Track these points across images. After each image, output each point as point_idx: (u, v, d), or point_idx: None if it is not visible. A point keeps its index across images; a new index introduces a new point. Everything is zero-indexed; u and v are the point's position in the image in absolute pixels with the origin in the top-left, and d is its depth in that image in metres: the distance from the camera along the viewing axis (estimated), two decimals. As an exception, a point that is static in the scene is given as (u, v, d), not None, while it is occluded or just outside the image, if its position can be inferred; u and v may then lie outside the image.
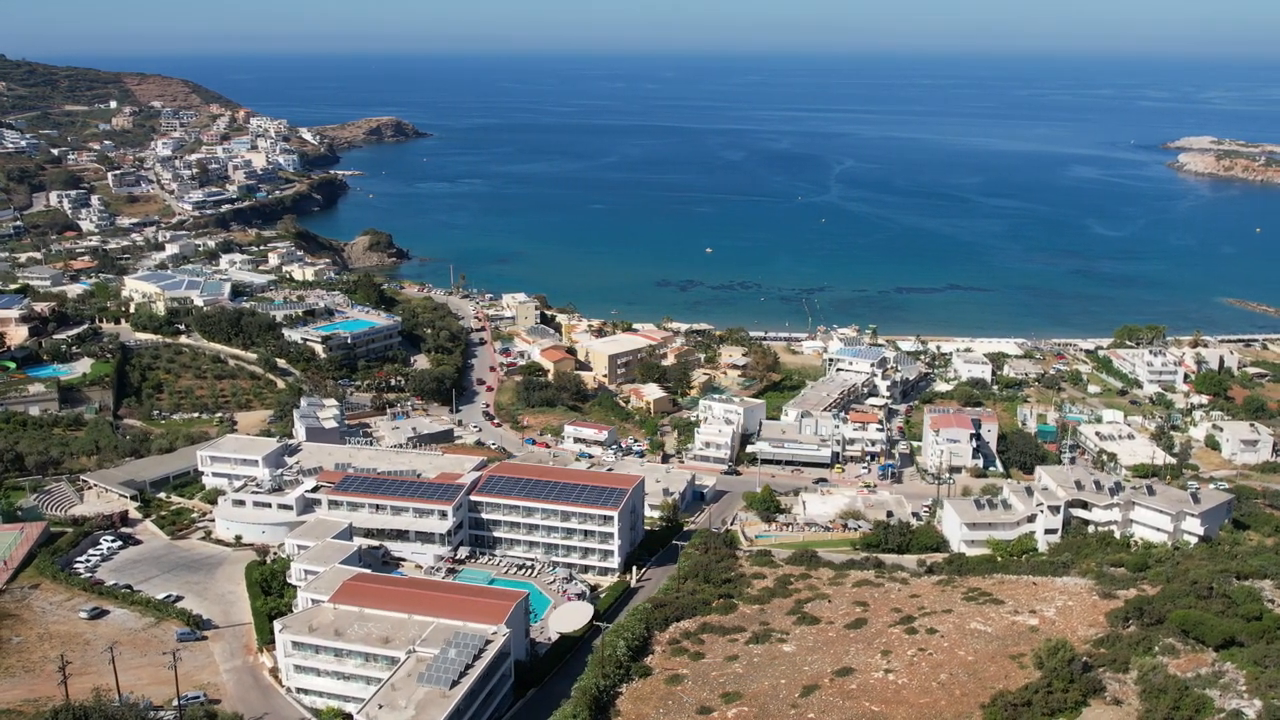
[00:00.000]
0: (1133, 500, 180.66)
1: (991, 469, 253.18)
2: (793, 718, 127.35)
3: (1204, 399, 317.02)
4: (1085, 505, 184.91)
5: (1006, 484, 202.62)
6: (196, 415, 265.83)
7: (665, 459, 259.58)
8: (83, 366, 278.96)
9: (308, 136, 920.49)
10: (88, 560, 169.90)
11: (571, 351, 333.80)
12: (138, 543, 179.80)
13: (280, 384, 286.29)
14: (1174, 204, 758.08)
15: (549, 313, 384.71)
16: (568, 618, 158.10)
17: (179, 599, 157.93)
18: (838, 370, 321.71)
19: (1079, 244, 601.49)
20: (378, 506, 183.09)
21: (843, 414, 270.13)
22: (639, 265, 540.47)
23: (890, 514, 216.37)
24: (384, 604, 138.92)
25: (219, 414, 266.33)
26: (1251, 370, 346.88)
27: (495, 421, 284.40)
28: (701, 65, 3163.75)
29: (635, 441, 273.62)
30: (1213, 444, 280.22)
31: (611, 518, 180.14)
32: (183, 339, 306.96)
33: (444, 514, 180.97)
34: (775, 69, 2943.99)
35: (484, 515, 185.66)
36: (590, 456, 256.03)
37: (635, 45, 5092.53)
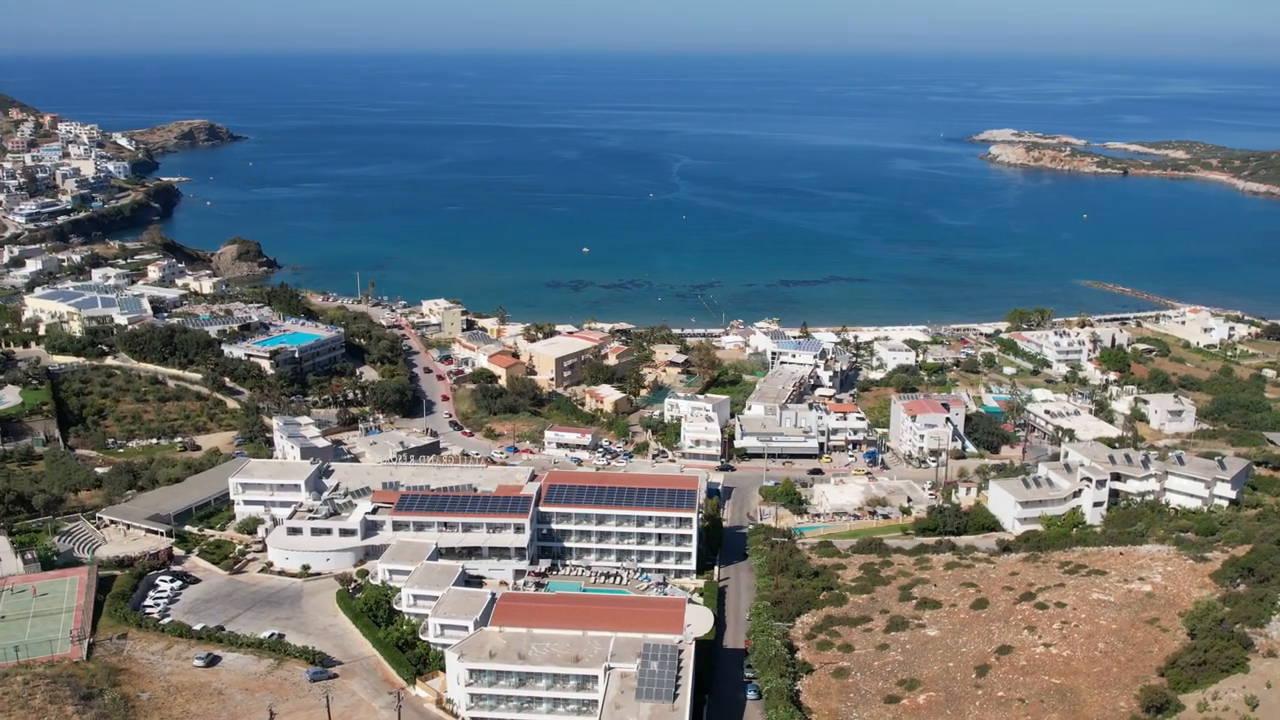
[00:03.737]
0: (1167, 470, 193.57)
1: (969, 450, 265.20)
2: (982, 698, 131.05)
3: (1114, 375, 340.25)
4: (1119, 477, 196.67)
5: (1042, 463, 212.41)
6: (154, 441, 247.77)
7: (654, 458, 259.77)
8: (11, 395, 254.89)
9: (123, 142, 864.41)
10: (156, 603, 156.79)
11: (516, 356, 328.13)
12: (195, 580, 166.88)
13: (231, 403, 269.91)
14: (1001, 194, 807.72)
15: (470, 317, 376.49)
16: (694, 622, 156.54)
17: (281, 636, 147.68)
18: (781, 363, 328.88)
19: (931, 234, 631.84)
20: (446, 524, 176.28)
21: (822, 406, 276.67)
22: (520, 267, 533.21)
23: (909, 499, 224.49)
24: (551, 622, 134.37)
25: (178, 439, 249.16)
26: (1140, 347, 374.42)
27: (465, 431, 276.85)
28: (498, 64, 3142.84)
29: (608, 443, 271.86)
30: (1139, 416, 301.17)
31: (690, 519, 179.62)
32: (109, 360, 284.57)
33: (519, 527, 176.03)
34: (574, 68, 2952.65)
35: (553, 525, 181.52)
36: (580, 461, 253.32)
37: (425, 44, 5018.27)
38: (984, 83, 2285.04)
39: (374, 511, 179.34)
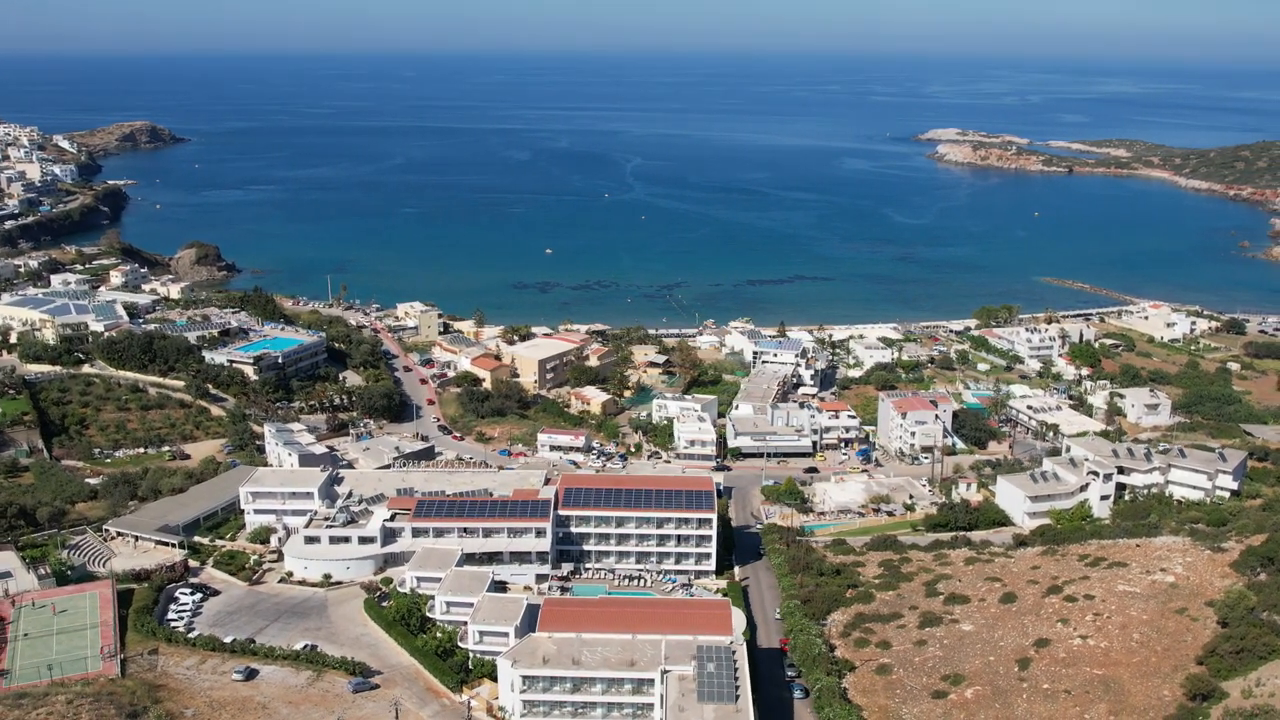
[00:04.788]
0: (1170, 463, 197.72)
1: (958, 446, 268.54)
2: (1028, 691, 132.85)
3: (1086, 370, 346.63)
4: (1123, 471, 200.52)
5: (1047, 458, 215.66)
6: (141, 451, 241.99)
7: (650, 459, 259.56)
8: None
9: (64, 144, 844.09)
10: (179, 617, 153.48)
11: (498, 359, 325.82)
12: (215, 592, 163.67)
13: (215, 411, 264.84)
14: (952, 192, 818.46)
15: (445, 320, 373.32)
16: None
17: (314, 647, 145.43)
18: (763, 363, 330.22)
19: (888, 232, 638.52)
20: (466, 530, 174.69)
21: (813, 405, 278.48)
22: (484, 268, 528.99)
23: (911, 496, 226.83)
24: (599, 626, 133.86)
25: (166, 448, 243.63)
26: (1107, 342, 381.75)
27: (455, 435, 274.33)
28: (435, 64, 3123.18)
29: (600, 445, 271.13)
30: (1116, 410, 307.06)
31: (710, 520, 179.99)
32: (86, 369, 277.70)
33: (541, 531, 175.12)
34: (514, 68, 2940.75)
35: (572, 529, 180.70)
36: (576, 464, 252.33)
37: (353, 45, 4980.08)
38: (923, 82, 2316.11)
39: (391, 518, 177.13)
